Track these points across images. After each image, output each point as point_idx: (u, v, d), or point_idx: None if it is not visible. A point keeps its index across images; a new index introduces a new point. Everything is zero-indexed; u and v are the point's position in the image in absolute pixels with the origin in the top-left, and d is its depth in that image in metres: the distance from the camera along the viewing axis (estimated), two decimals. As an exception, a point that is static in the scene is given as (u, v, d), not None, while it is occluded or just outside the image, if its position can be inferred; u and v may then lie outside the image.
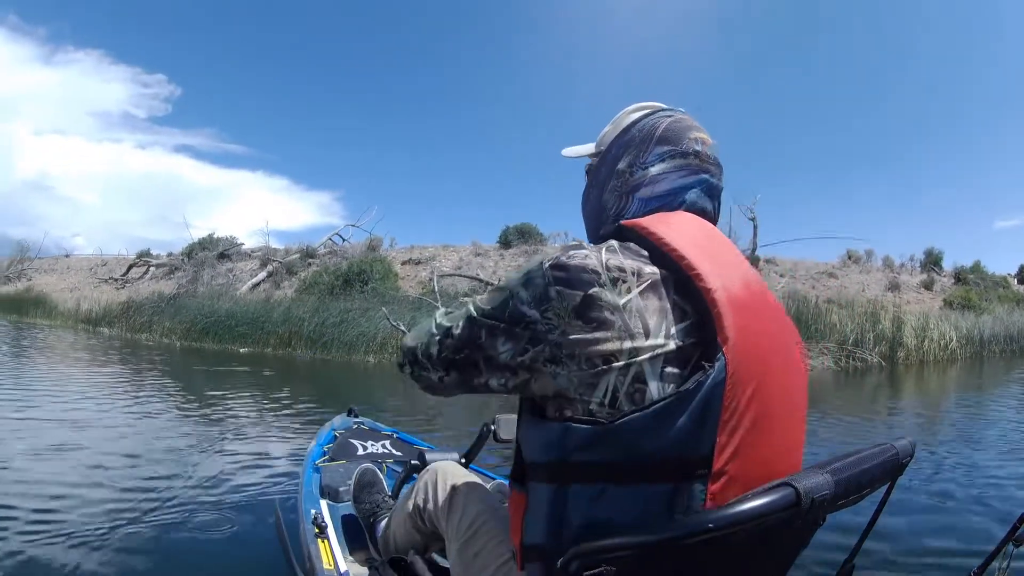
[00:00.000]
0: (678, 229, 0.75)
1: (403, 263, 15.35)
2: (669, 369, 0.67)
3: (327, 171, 52.74)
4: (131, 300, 15.14)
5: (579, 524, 0.69)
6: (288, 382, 7.44)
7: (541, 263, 0.71)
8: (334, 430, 2.55)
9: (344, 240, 17.24)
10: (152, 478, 3.14)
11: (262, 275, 15.34)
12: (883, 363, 10.17)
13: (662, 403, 0.65)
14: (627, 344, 0.66)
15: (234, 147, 54.57)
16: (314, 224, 70.37)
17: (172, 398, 5.92)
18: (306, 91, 58.43)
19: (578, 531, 0.69)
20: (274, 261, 15.83)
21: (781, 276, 15.21)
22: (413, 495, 1.37)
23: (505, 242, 16.13)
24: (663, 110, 0.89)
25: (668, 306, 0.69)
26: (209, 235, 17.58)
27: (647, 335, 0.67)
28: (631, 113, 0.91)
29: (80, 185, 52.80)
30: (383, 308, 10.89)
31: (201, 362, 9.68)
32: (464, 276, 13.60)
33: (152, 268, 18.21)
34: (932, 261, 17.73)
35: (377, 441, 2.44)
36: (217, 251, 16.68)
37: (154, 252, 19.93)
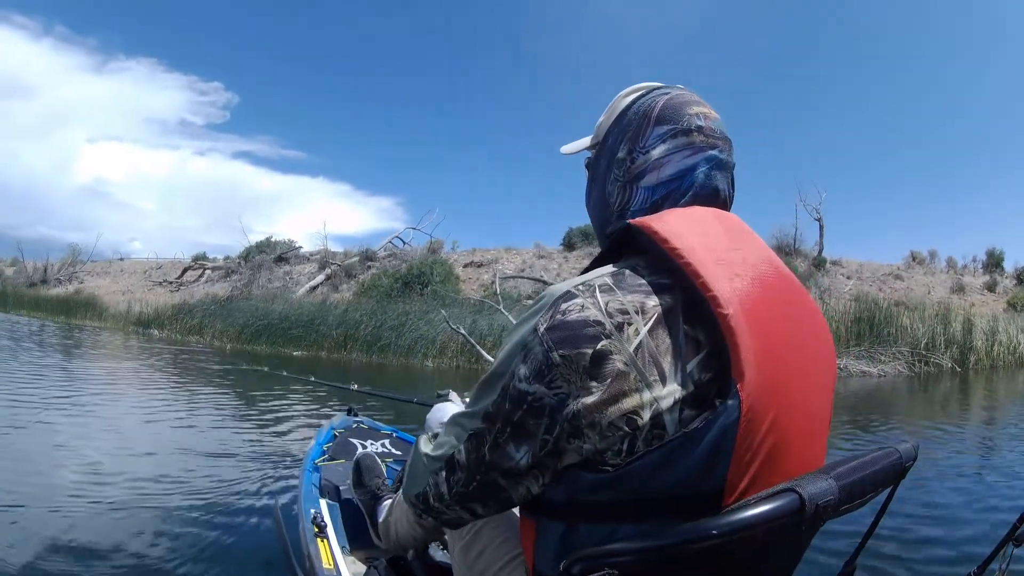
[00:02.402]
0: (691, 231, 0.70)
1: (465, 266, 15.75)
2: (687, 412, 0.63)
3: (389, 176, 53.97)
4: (184, 303, 15.60)
5: None
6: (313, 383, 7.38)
7: (535, 328, 0.66)
8: (333, 429, 2.61)
9: (404, 243, 17.66)
10: (150, 477, 3.20)
11: (320, 278, 15.80)
12: (957, 368, 10.14)
13: (670, 444, 0.62)
14: (647, 395, 0.62)
15: (293, 153, 56.13)
16: (376, 229, 72.59)
17: (183, 398, 6.06)
18: (365, 97, 59.96)
19: None
20: (333, 264, 16.28)
21: (848, 278, 15.33)
22: None
23: (569, 244, 16.45)
24: (658, 88, 0.85)
25: (681, 341, 0.64)
26: (267, 239, 18.16)
27: (664, 381, 0.63)
28: (625, 97, 0.87)
29: (137, 191, 55.50)
30: (443, 311, 10.96)
31: (233, 364, 9.74)
32: (527, 278, 13.84)
33: (208, 271, 18.84)
34: (994, 262, 17.78)
35: (377, 440, 2.51)
36: (275, 254, 17.21)
37: (211, 256, 20.59)
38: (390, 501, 1.75)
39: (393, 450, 2.47)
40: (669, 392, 0.63)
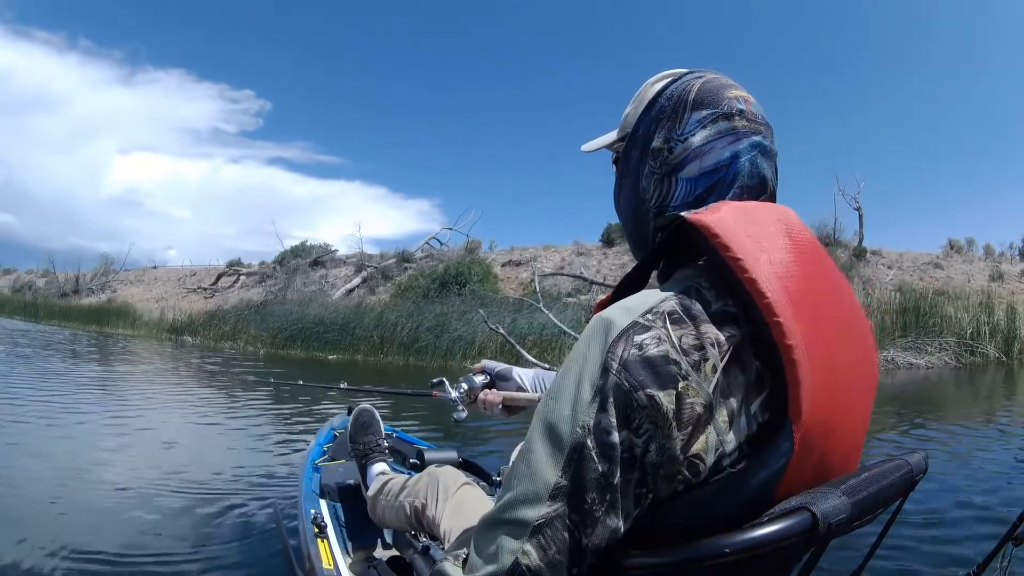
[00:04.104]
0: (749, 233, 0.64)
1: (503, 265, 16.00)
2: (743, 451, 0.61)
3: (426, 179, 55.63)
4: (218, 309, 15.89)
5: None
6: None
7: (606, 367, 0.58)
8: (334, 429, 2.63)
9: (442, 244, 18.05)
10: (151, 476, 3.26)
11: (356, 280, 16.12)
12: (1003, 358, 10.14)
13: (715, 483, 0.60)
14: (713, 439, 0.59)
15: (328, 158, 57.77)
16: (413, 232, 74.56)
17: (188, 400, 6.28)
18: (399, 100, 61.55)
19: None
20: (369, 266, 16.61)
21: (889, 268, 15.38)
22: (412, 495, 1.53)
23: (608, 240, 16.61)
24: (690, 72, 0.80)
25: (752, 379, 0.61)
26: (302, 243, 18.61)
27: (731, 423, 0.60)
28: (654, 84, 0.81)
29: (171, 200, 57.50)
30: (481, 311, 11.02)
31: (257, 368, 9.99)
32: (567, 275, 13.99)
33: (242, 277, 19.25)
34: (1030, 248, 17.72)
35: None
36: (310, 259, 17.61)
37: (246, 262, 21.01)
38: (382, 471, 1.84)
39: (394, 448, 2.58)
40: (734, 436, 0.60)
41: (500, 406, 1.38)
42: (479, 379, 1.46)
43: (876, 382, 0.76)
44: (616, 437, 0.56)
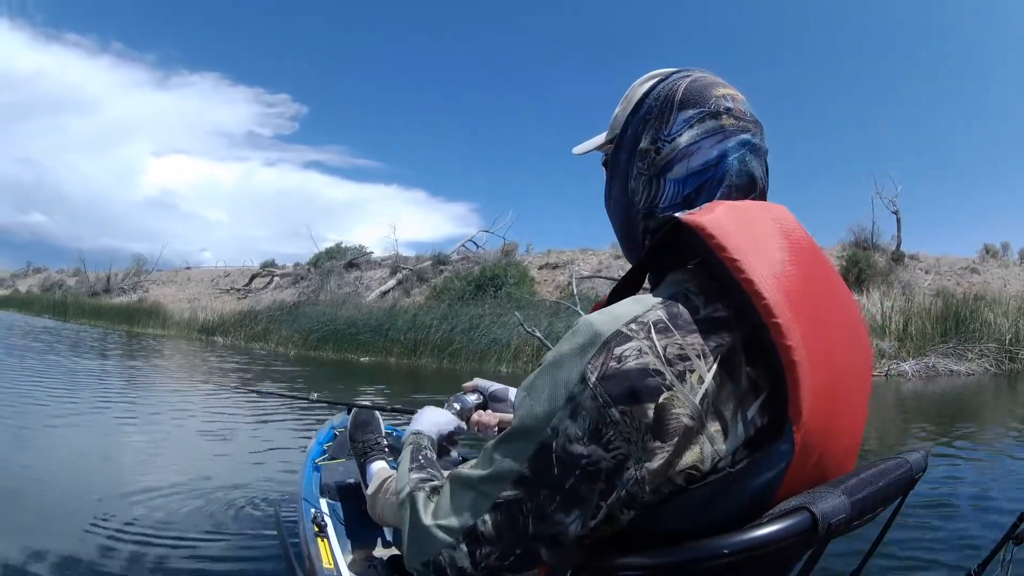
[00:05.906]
0: (744, 232, 0.64)
1: (540, 268, 16.11)
2: (740, 454, 0.61)
3: (464, 182, 56.32)
4: (250, 309, 16.05)
5: None
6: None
7: (583, 377, 0.59)
8: (334, 428, 2.63)
9: (478, 247, 18.18)
10: (151, 476, 3.29)
11: (391, 282, 16.35)
12: None
13: (713, 484, 0.60)
14: (708, 448, 0.59)
15: (365, 162, 59.18)
16: (451, 235, 74.82)
17: (189, 399, 6.33)
18: (439, 104, 62.58)
19: None
20: (404, 268, 16.81)
21: (926, 273, 15.27)
22: None
23: (646, 245, 16.59)
24: (677, 72, 0.80)
25: (743, 387, 0.61)
26: (336, 245, 18.89)
27: (725, 432, 0.60)
28: (641, 84, 0.82)
29: (206, 202, 58.98)
30: (517, 313, 11.01)
31: (283, 369, 10.04)
32: (604, 278, 14.04)
33: (276, 278, 19.56)
34: (1064, 252, 17.46)
35: None
36: (345, 260, 17.90)
37: (280, 264, 21.34)
38: (382, 468, 1.86)
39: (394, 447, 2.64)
40: (730, 443, 0.60)
41: (495, 429, 1.35)
42: (472, 398, 1.41)
43: (871, 381, 0.77)
44: (579, 448, 0.58)
